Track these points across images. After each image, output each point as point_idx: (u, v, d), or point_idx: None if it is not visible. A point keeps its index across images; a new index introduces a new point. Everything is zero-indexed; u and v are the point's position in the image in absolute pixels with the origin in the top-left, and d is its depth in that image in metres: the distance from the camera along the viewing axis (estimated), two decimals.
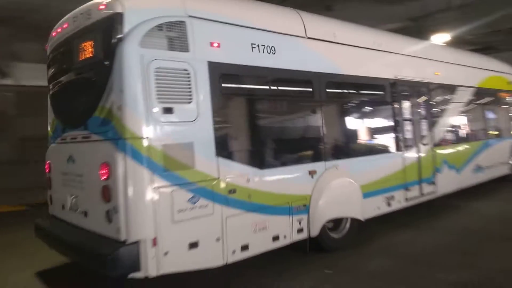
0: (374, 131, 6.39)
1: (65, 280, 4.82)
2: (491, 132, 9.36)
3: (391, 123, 6.48)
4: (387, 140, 6.48)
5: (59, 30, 4.62)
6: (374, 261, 5.04)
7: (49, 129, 5.04)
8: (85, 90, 4.18)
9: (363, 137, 6.22)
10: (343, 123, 5.86)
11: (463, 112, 8.37)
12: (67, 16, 4.52)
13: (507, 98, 10.08)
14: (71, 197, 4.34)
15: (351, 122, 6.04)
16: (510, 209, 7.59)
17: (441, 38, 12.35)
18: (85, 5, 4.23)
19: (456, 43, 13.22)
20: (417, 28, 11.54)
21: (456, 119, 8.14)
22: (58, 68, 4.71)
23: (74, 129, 4.30)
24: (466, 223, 6.75)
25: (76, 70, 4.33)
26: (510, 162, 9.76)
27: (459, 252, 5.29)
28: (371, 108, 6.43)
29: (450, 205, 7.69)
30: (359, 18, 10.38)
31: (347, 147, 5.80)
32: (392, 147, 6.44)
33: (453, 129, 8.06)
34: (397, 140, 6.47)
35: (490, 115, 9.49)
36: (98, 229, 3.89)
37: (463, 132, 8.41)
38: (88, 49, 4.06)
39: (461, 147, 8.06)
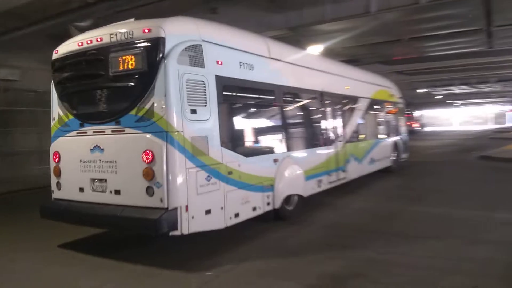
0: (310, 130, 8.35)
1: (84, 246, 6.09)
2: (380, 133, 11.99)
3: (321, 124, 8.61)
4: (318, 136, 8.56)
5: (88, 41, 5.46)
6: (252, 259, 5.26)
7: (53, 125, 5.94)
8: (121, 94, 5.22)
9: (304, 134, 8.05)
10: (292, 123, 7.74)
11: (363, 117, 10.70)
12: (99, 31, 5.47)
13: (389, 106, 12.86)
14: (93, 180, 5.41)
15: (297, 122, 8.01)
16: (378, 204, 8.59)
17: (316, 48, 13.36)
18: (124, 25, 5.33)
19: (328, 54, 14.45)
20: (295, 37, 12.28)
21: (358, 122, 10.38)
22: (83, 73, 5.55)
23: (100, 124, 5.32)
24: (338, 217, 7.43)
25: (112, 77, 5.22)
26: (392, 157, 12.49)
27: (330, 244, 5.79)
28: (308, 112, 8.39)
29: (326, 202, 8.45)
30: (242, 23, 10.68)
31: (295, 142, 7.56)
32: (321, 142, 8.51)
33: (357, 129, 10.27)
34: (324, 137, 8.67)
35: (379, 119, 12.15)
36: (134, 202, 5.00)
37: (362, 132, 10.68)
38: (129, 61, 5.06)
39: (361, 144, 10.45)
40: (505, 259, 4.93)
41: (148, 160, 4.87)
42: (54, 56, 5.98)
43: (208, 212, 5.23)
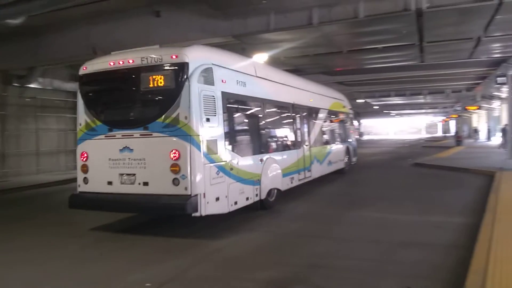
0: (285, 135, 10.02)
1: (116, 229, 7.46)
2: (335, 139, 13.79)
3: (292, 131, 10.18)
4: (291, 141, 10.09)
5: (120, 62, 6.69)
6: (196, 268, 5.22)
7: (79, 129, 7.05)
8: (150, 105, 6.78)
9: (281, 139, 9.76)
10: (273, 129, 9.43)
11: (322, 125, 12.43)
12: (131, 55, 6.68)
13: (342, 116, 14.84)
14: (121, 175, 6.60)
15: (276, 129, 9.67)
16: (319, 209, 8.88)
17: (261, 57, 13.52)
18: (153, 51, 6.66)
19: (273, 63, 14.66)
20: (240, 45, 12.35)
21: (319, 130, 12.08)
22: (114, 87, 7.06)
23: (128, 129, 6.57)
24: (281, 223, 7.61)
25: (143, 92, 6.66)
26: (345, 160, 14.38)
27: (273, 251, 5.84)
28: (283, 120, 10.01)
29: (271, 209, 8.56)
30: (186, 29, 10.58)
31: (275, 145, 9.26)
32: (293, 146, 10.05)
33: (318, 136, 11.92)
34: (295, 141, 10.19)
35: (335, 127, 13.97)
36: (161, 191, 6.29)
37: (322, 138, 12.45)
38: (158, 80, 6.39)
39: (322, 149, 12.11)
40: (436, 260, 5.24)
41: (175, 158, 6.18)
42: (82, 71, 7.15)
43: (217, 199, 6.62)
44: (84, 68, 7.17)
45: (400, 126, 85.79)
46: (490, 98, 33.11)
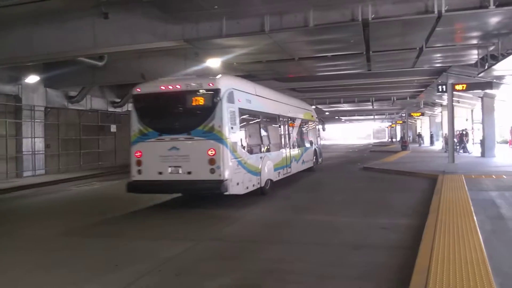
0: (275, 139, 12.65)
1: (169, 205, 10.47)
2: (307, 143, 16.75)
3: (279, 135, 13.02)
4: (279, 144, 12.88)
5: (170, 87, 9.41)
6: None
7: (133, 134, 9.52)
8: (192, 118, 9.24)
9: (272, 142, 12.32)
10: (267, 134, 12.09)
11: (298, 131, 15.43)
12: (177, 82, 9.55)
13: (311, 124, 18.17)
14: (169, 168, 9.10)
15: (269, 134, 12.26)
16: (268, 215, 8.97)
17: (214, 62, 13.46)
18: (196, 78, 9.56)
19: (227, 68, 14.63)
20: (193, 49, 12.21)
21: (295, 135, 15.01)
22: (163, 104, 9.60)
23: (175, 134, 9.18)
24: (234, 229, 7.66)
25: (187, 109, 9.41)
26: (314, 160, 17.56)
27: (224, 258, 5.78)
28: (273, 128, 12.86)
29: (224, 216, 8.82)
30: (135, 31, 10.31)
31: (269, 147, 11.94)
32: (279, 147, 12.85)
33: (295, 140, 14.82)
34: (281, 144, 13.03)
35: (306, 133, 17.03)
36: (200, 178, 8.85)
37: (298, 142, 15.31)
38: (199, 100, 9.15)
39: (298, 150, 15.02)
40: (384, 261, 5.42)
41: (212, 154, 8.83)
42: (136, 92, 9.81)
43: (237, 184, 9.28)
44: (138, 90, 9.86)
45: (350, 132, 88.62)
46: (433, 105, 35.09)
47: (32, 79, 17.53)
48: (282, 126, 13.43)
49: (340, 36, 11.00)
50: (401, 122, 49.71)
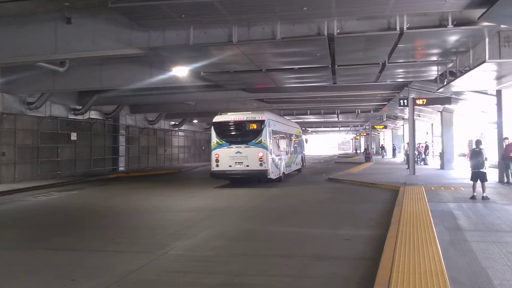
0: (285, 148, 20.57)
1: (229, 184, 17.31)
2: (298, 151, 24.57)
3: (286, 145, 20.87)
4: (286, 150, 20.62)
5: (237, 118, 17.27)
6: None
7: (213, 144, 16.98)
8: (250, 136, 16.70)
9: (284, 149, 20.00)
10: (282, 146, 19.81)
11: (293, 143, 23.07)
12: (241, 116, 17.47)
13: (299, 137, 26.10)
14: (235, 163, 16.41)
15: (283, 146, 20.12)
16: (235, 224, 8.96)
17: (180, 70, 13.31)
18: (251, 114, 17.60)
19: (194, 78, 14.52)
20: (159, 57, 12.03)
21: (292, 145, 22.77)
22: (232, 128, 17.15)
23: (240, 144, 16.63)
24: (195, 243, 7.54)
25: (247, 131, 16.83)
26: (301, 163, 25.46)
27: (185, 271, 5.75)
28: (284, 141, 20.56)
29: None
30: (99, 37, 10.04)
31: (283, 153, 19.57)
32: (287, 153, 20.69)
33: (292, 149, 22.35)
34: (287, 151, 20.79)
35: (296, 144, 24.33)
36: (254, 169, 16.39)
37: (295, 150, 23.58)
38: (252, 126, 16.75)
39: (294, 156, 22.72)
40: (345, 272, 5.45)
41: (261, 156, 16.15)
42: (216, 119, 17.24)
43: (272, 173, 16.78)
44: (217, 119, 17.22)
45: (315, 143, 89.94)
46: (395, 118, 36.22)
47: None
48: (288, 140, 21.56)
49: (307, 49, 11.17)
50: (365, 134, 50.96)
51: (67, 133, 22.48)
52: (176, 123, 36.04)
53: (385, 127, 41.50)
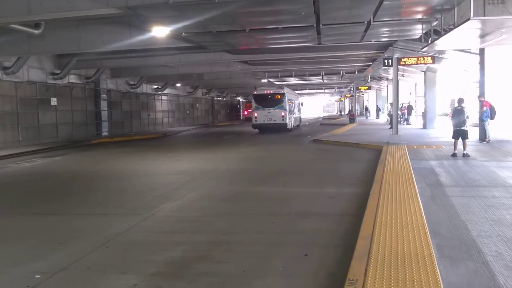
0: (293, 109, 31.66)
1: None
2: (298, 112, 35.39)
3: (294, 108, 31.89)
4: (294, 111, 31.70)
5: (266, 92, 28.72)
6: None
7: (254, 107, 28.49)
8: (276, 102, 27.97)
9: (294, 110, 32.14)
10: (292, 108, 31.20)
11: (297, 107, 35.53)
12: (271, 90, 29.17)
13: (297, 102, 35.86)
14: (267, 119, 27.76)
15: (293, 108, 31.31)
16: (220, 187, 8.92)
17: (161, 31, 12.90)
18: (276, 89, 29.47)
19: (175, 39, 14.11)
20: (138, 17, 11.61)
21: (296, 107, 34.01)
22: (265, 98, 28.22)
23: (270, 108, 27.78)
24: (183, 204, 7.58)
25: (274, 99, 28.06)
26: (299, 121, 35.44)
27: (174, 231, 5.87)
28: (294, 105, 32.37)
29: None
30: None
31: (293, 112, 31.03)
32: (294, 113, 31.82)
33: (296, 110, 34.04)
34: (294, 112, 31.82)
35: (297, 107, 35.46)
36: (278, 122, 27.67)
37: (296, 111, 34.42)
38: (277, 96, 28.19)
39: (297, 115, 34.11)
40: (329, 228, 5.59)
41: (283, 114, 27.50)
42: (255, 92, 28.94)
43: (290, 125, 28.83)
44: (255, 92, 28.79)
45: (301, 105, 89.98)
46: (379, 79, 36.25)
47: None
48: (294, 104, 31.12)
49: (291, 7, 10.88)
50: (349, 95, 51.05)
51: (47, 98, 21.91)
52: (159, 87, 35.41)
53: (369, 88, 41.60)
